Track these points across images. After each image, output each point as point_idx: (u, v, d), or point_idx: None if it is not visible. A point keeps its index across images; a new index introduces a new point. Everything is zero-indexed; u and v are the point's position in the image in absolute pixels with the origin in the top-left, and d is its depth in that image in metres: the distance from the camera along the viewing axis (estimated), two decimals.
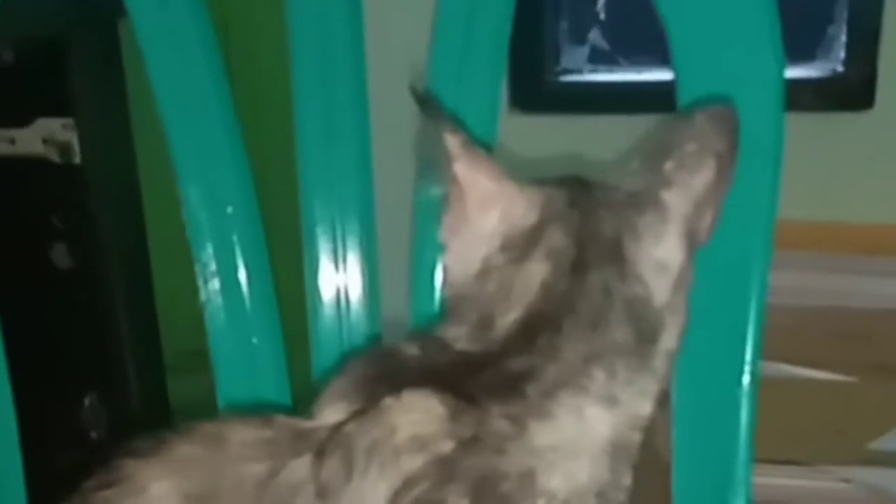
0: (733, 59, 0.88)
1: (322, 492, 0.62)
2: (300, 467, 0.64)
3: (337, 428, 0.64)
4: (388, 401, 0.63)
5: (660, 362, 0.70)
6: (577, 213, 0.70)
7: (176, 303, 1.85)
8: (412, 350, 0.69)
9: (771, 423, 0.90)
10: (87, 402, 1.76)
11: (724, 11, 0.88)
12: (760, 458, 0.89)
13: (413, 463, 0.62)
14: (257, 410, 0.75)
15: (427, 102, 0.72)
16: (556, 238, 0.69)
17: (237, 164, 0.99)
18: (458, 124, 0.72)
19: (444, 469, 0.61)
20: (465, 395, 0.63)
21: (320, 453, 0.63)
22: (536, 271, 0.69)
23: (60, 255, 1.70)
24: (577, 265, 0.68)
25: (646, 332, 0.69)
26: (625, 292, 0.68)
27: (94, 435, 1.78)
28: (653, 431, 1.45)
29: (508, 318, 0.68)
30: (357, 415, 0.64)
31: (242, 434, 0.67)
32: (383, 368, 0.68)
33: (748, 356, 0.88)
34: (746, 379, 0.88)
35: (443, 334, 0.70)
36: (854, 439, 1.51)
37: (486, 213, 0.71)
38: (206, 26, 0.98)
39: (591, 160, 0.78)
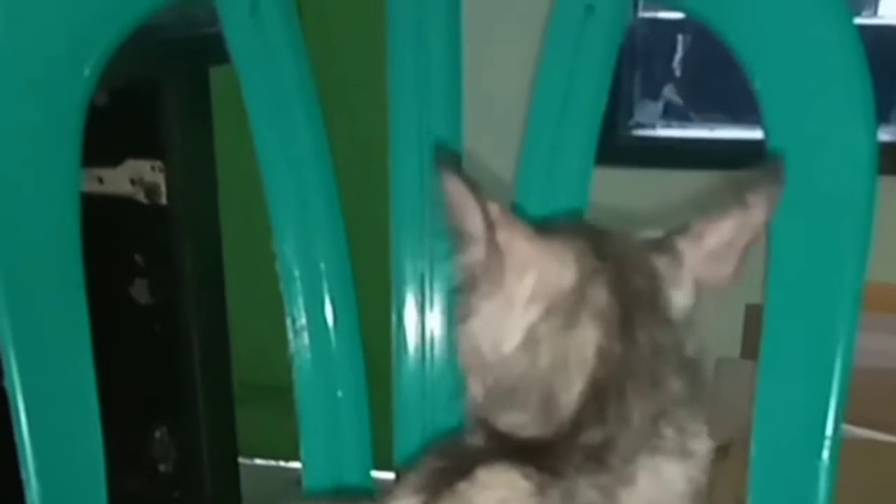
0: (824, 123, 0.89)
1: None
2: None
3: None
4: (463, 484, 0.63)
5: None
6: (610, 265, 0.70)
7: (246, 337, 1.88)
8: (477, 440, 0.68)
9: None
10: (157, 434, 1.79)
11: (817, 76, 0.90)
12: None
13: None
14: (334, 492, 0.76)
15: (459, 172, 0.70)
16: (599, 297, 0.68)
17: (332, 221, 1.01)
18: (488, 192, 0.71)
19: None
20: (548, 468, 0.63)
21: None
22: (589, 337, 0.68)
23: (141, 291, 1.74)
24: (625, 324, 0.68)
25: (691, 376, 0.69)
26: (668, 341, 0.69)
27: (162, 468, 1.80)
28: (712, 485, 1.45)
29: (573, 393, 0.67)
30: (432, 500, 0.65)
31: None
32: (454, 460, 0.67)
33: (829, 430, 0.88)
34: (826, 454, 0.88)
35: (504, 422, 0.68)
36: None
37: (524, 277, 0.70)
38: (308, 84, 1.01)
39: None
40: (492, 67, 1.55)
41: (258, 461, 2.21)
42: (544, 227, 0.72)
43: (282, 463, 2.12)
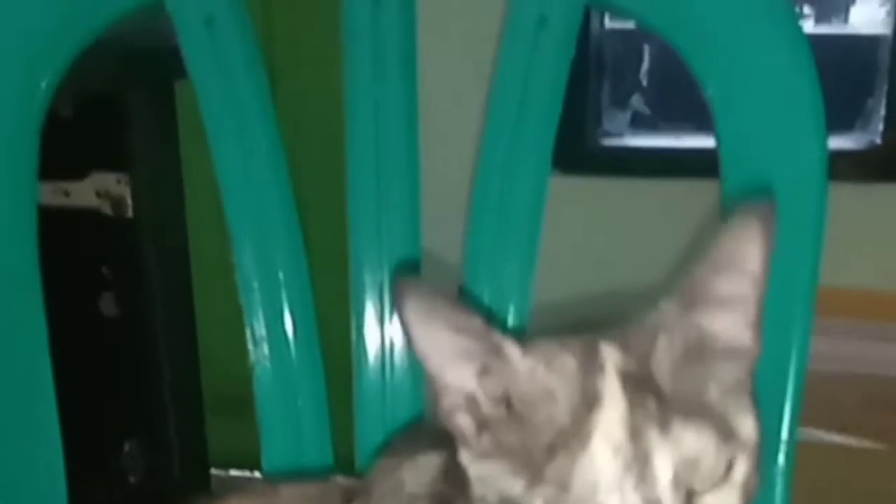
0: (775, 130, 0.90)
1: None
2: None
3: (364, 480, 0.76)
4: (403, 462, 0.74)
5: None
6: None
7: (217, 347, 1.87)
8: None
9: (799, 487, 0.90)
10: (126, 446, 1.78)
11: (769, 90, 0.90)
12: None
13: None
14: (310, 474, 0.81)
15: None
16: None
17: (290, 231, 1.01)
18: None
19: None
20: None
21: (347, 500, 0.76)
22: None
23: (108, 304, 1.73)
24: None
25: None
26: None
27: (132, 479, 1.79)
28: None
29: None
30: (379, 469, 0.76)
31: (295, 490, 0.77)
32: (415, 439, 0.76)
33: (785, 434, 0.89)
34: (782, 458, 0.89)
35: None
36: None
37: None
38: (264, 96, 1.01)
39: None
40: (446, 80, 1.55)
41: (232, 472, 2.20)
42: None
43: (256, 474, 2.11)
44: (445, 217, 1.01)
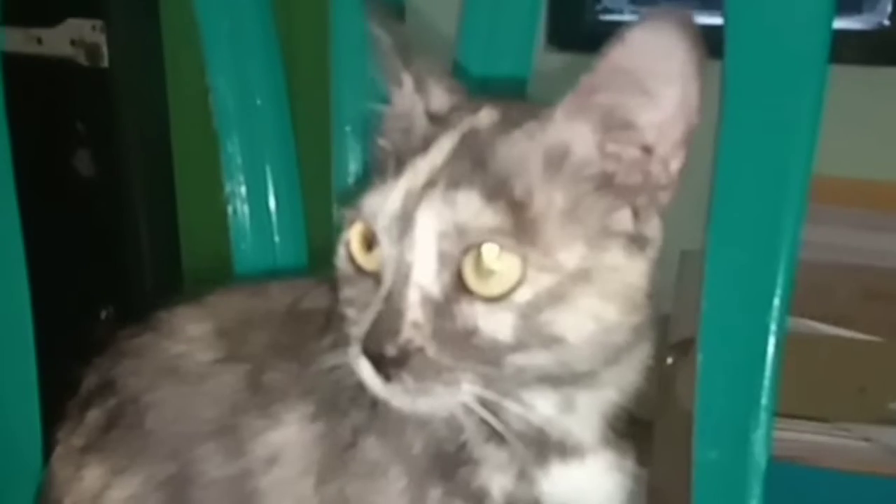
0: (783, 11, 0.84)
1: (329, 316, 0.68)
2: (319, 296, 0.71)
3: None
4: None
5: None
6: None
7: (197, 231, 1.83)
8: None
9: (794, 378, 0.88)
10: (103, 314, 1.74)
11: None
12: (782, 412, 0.87)
13: None
14: None
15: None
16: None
17: (268, 56, 0.98)
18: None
19: None
20: None
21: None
22: None
23: (84, 162, 1.69)
24: None
25: None
26: None
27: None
28: (674, 381, 1.43)
29: None
30: None
31: (283, 284, 0.77)
32: None
33: (774, 323, 0.85)
34: (771, 349, 0.86)
35: None
36: (876, 399, 1.50)
37: None
38: None
39: None
40: None
41: None
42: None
43: None
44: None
